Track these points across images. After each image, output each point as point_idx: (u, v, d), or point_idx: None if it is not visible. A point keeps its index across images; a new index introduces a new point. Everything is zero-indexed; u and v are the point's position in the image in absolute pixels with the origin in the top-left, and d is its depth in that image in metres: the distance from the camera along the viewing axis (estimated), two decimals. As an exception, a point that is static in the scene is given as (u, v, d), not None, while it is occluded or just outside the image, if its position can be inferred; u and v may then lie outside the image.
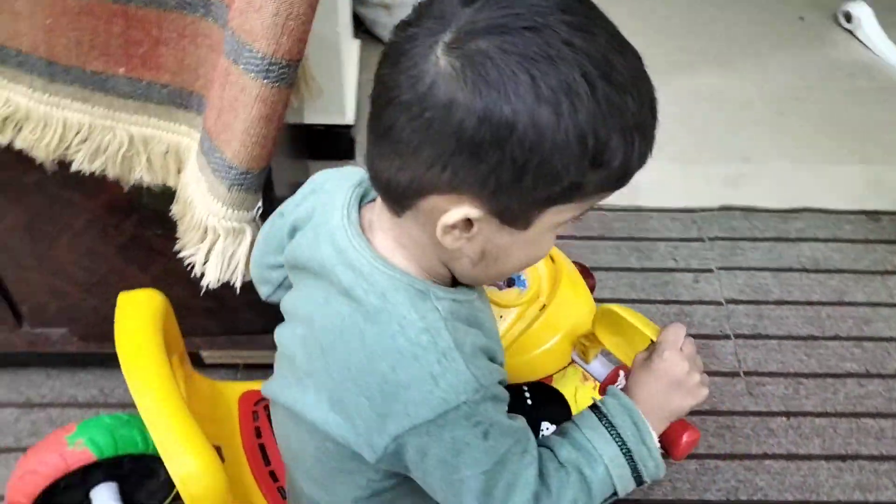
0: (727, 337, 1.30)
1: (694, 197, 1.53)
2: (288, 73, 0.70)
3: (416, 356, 0.54)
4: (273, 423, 0.73)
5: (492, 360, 0.58)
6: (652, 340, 0.67)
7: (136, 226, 0.98)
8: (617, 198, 0.56)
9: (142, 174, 0.85)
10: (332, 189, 0.62)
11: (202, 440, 0.66)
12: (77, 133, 0.82)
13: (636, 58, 0.51)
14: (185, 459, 0.64)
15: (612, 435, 0.60)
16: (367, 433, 0.56)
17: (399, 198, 0.54)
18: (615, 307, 0.73)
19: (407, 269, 0.57)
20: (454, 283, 0.60)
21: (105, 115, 0.81)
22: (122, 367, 0.69)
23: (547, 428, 0.81)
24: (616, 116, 0.48)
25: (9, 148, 0.83)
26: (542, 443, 0.62)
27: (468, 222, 0.52)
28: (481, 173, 0.49)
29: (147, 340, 0.71)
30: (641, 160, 0.52)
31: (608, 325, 0.75)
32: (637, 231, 1.47)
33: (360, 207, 0.60)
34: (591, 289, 0.87)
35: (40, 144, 0.82)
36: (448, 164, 0.49)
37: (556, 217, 0.54)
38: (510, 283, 0.82)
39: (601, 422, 0.61)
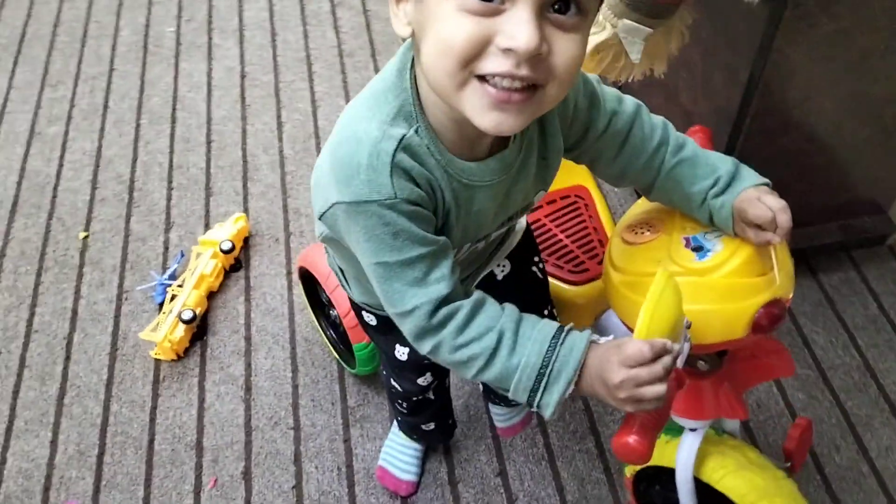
0: None
1: None
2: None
3: (359, 140, 0.62)
4: None
5: (428, 195, 0.64)
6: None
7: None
8: None
9: None
10: None
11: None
12: None
13: None
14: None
15: (546, 355, 0.63)
16: (322, 197, 0.66)
17: None
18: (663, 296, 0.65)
19: (425, 94, 0.64)
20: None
21: None
22: None
23: None
24: None
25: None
26: (506, 306, 0.66)
27: None
28: None
29: None
30: None
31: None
32: None
33: None
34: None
35: None
36: None
37: None
38: (698, 248, 0.75)
39: (551, 340, 0.63)
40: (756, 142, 1.15)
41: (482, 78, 0.57)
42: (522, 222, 0.93)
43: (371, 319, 0.91)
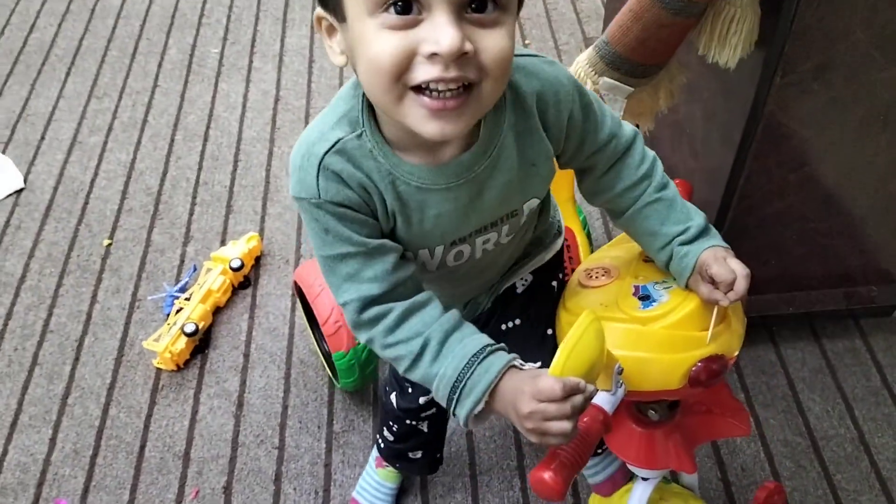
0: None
1: None
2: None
3: (300, 142, 0.69)
4: None
5: (361, 198, 0.68)
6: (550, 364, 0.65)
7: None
8: None
9: None
10: None
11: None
12: None
13: None
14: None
15: (462, 371, 0.66)
16: None
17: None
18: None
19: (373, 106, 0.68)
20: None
21: None
22: None
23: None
24: None
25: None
26: (447, 314, 0.70)
27: (321, 22, 0.64)
28: None
29: None
30: None
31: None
32: None
33: None
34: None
35: None
36: None
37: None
38: (645, 297, 0.77)
39: (471, 358, 0.67)
40: (751, 202, 1.15)
41: (418, 88, 0.59)
42: (558, 243, 0.94)
43: None
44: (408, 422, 1.06)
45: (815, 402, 1.32)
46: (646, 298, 0.76)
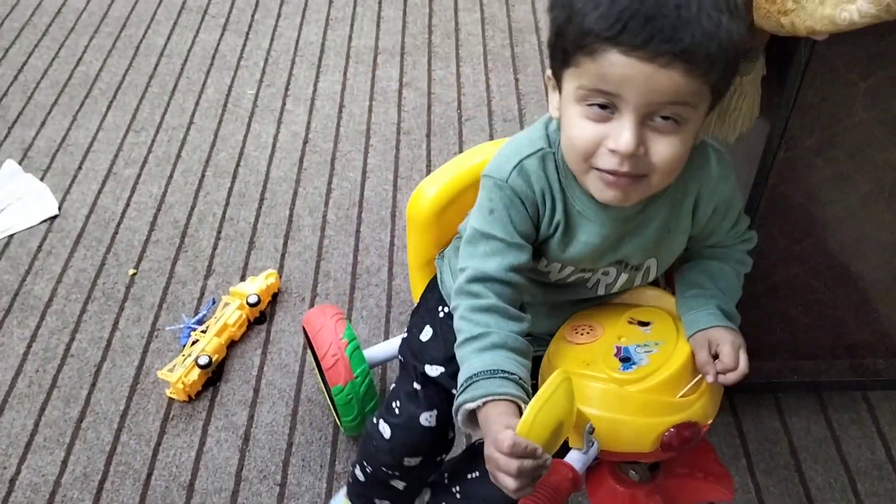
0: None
1: None
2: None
3: (513, 139, 0.83)
4: None
5: (538, 201, 0.79)
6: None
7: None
8: None
9: None
10: None
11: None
12: None
13: None
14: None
15: (485, 372, 0.74)
16: None
17: None
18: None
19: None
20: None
21: None
22: None
23: None
24: None
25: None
26: (518, 335, 0.78)
27: (549, 80, 0.76)
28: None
29: None
30: (600, 21, 0.65)
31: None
32: None
33: None
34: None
35: None
36: None
37: (570, 83, 0.70)
38: (626, 359, 0.80)
39: (501, 372, 0.74)
40: (756, 270, 1.16)
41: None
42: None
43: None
44: (384, 469, 1.05)
45: (818, 473, 1.31)
46: (626, 360, 0.78)
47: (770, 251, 1.13)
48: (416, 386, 1.01)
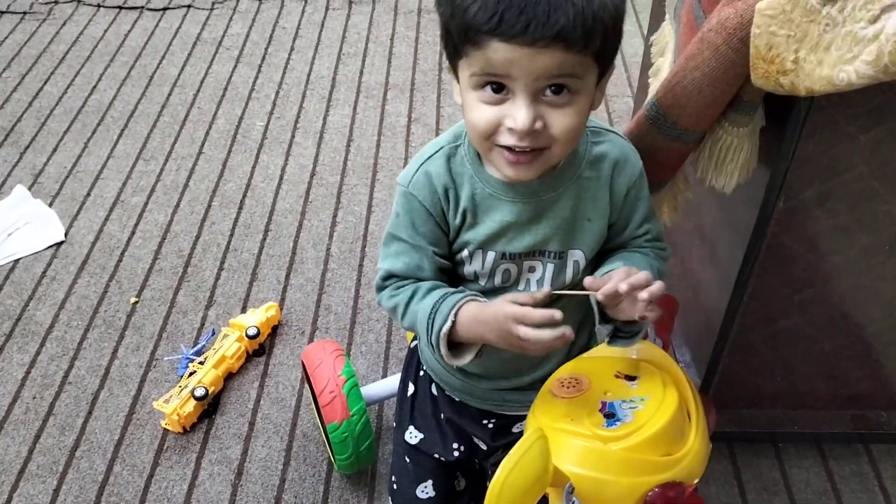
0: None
1: None
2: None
3: (426, 146, 0.88)
4: None
5: (442, 199, 0.84)
6: None
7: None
8: None
9: None
10: None
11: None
12: None
13: None
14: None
15: (437, 301, 0.82)
16: None
17: None
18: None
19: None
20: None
21: None
22: None
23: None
24: None
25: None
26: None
27: (451, 70, 0.79)
28: None
29: None
30: (479, 15, 0.68)
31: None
32: None
33: None
34: None
35: None
36: None
37: (464, 71, 0.74)
38: (610, 415, 0.78)
39: (444, 292, 0.83)
40: (756, 318, 1.15)
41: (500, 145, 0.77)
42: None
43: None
44: None
45: (818, 527, 1.29)
46: (611, 416, 0.76)
47: (770, 300, 1.12)
48: (406, 459, 1.04)
